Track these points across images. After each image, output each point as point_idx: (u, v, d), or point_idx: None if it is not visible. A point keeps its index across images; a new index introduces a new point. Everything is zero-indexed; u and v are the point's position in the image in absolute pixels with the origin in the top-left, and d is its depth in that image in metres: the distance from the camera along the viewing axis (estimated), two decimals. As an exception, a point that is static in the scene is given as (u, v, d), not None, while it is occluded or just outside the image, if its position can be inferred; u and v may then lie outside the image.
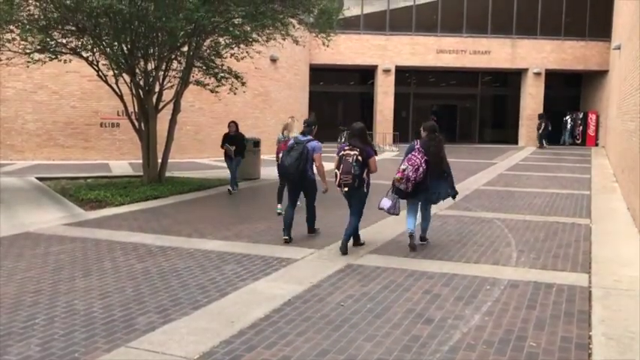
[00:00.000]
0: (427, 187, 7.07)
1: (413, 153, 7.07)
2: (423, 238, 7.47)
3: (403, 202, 7.28)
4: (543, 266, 6.47)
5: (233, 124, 12.46)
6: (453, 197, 7.59)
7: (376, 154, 7.12)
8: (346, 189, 6.83)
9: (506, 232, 8.25)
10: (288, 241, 7.49)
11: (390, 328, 4.55)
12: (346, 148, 6.93)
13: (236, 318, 4.73)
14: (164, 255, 6.85)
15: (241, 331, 4.47)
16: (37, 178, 13.78)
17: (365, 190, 7.01)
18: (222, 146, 12.46)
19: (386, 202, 7.14)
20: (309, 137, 7.76)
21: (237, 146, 12.40)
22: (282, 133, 10.57)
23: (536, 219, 9.33)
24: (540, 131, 27.71)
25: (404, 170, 6.93)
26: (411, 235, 7.09)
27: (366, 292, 5.47)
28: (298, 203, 8.11)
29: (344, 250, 6.85)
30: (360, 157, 6.78)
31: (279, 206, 9.59)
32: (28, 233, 8.06)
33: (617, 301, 5.26)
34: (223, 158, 12.82)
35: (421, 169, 6.92)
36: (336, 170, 6.90)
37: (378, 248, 7.21)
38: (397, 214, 7.25)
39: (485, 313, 4.91)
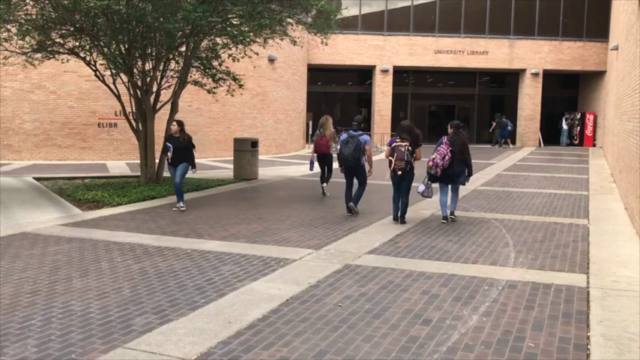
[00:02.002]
0: (453, 172, 8.85)
1: (441, 145, 8.85)
2: (452, 214, 9.11)
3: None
4: (541, 267, 6.47)
5: (176, 124, 10.24)
6: (468, 177, 9.32)
7: (421, 145, 8.87)
8: (400, 172, 8.64)
9: (504, 233, 8.25)
10: (351, 214, 9.41)
11: (388, 329, 4.55)
12: (397, 140, 8.74)
13: (234, 319, 4.71)
14: (161, 255, 6.83)
15: (239, 331, 4.45)
16: (35, 178, 13.75)
17: (412, 174, 8.81)
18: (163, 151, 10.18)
19: (421, 187, 8.99)
20: (360, 132, 9.52)
21: (181, 152, 10.04)
22: (319, 130, 11.92)
23: (534, 219, 9.33)
24: (492, 129, 28.08)
25: (434, 159, 8.76)
26: (444, 215, 8.96)
27: (364, 292, 5.46)
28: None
29: (402, 220, 8.83)
30: (410, 148, 8.60)
31: (324, 190, 11.98)
32: (25, 233, 8.04)
33: (616, 302, 5.26)
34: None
35: (447, 157, 8.74)
36: (390, 158, 8.71)
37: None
38: (430, 197, 9.20)
39: (484, 314, 4.90)
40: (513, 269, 6.34)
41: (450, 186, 9.08)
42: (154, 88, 12.85)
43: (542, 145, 29.21)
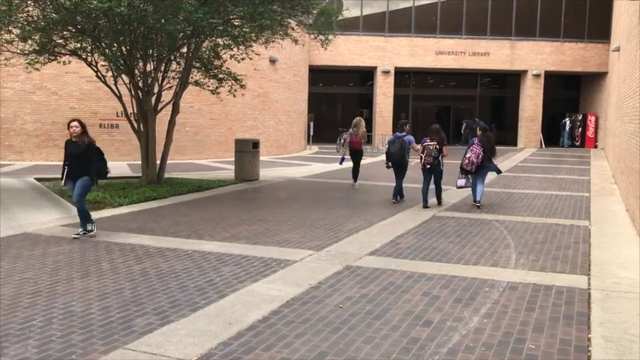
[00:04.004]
0: (484, 166, 10.58)
1: (474, 145, 10.59)
2: (479, 201, 10.66)
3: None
4: (542, 268, 6.46)
5: (76, 125, 7.94)
6: (498, 173, 11.41)
7: (447, 144, 10.79)
8: (429, 166, 10.41)
9: (505, 234, 8.24)
10: (395, 203, 10.97)
11: (389, 330, 4.54)
12: (427, 140, 10.52)
13: (234, 320, 4.71)
14: (162, 256, 6.84)
15: (239, 333, 4.45)
16: (36, 179, 13.76)
17: (441, 167, 10.57)
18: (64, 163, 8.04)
19: (461, 181, 10.71)
20: (404, 133, 11.22)
21: (80, 161, 7.85)
22: (352, 129, 13.38)
23: (536, 221, 9.32)
24: (463, 131, 28.96)
25: (469, 157, 10.42)
26: (475, 200, 10.62)
27: (365, 293, 5.46)
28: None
29: (425, 205, 10.47)
30: (437, 146, 10.41)
31: (356, 183, 13.41)
32: (26, 234, 8.04)
33: (617, 304, 5.25)
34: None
35: (480, 156, 10.44)
36: (421, 154, 10.55)
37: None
38: (470, 187, 10.83)
39: (484, 315, 4.90)
40: (514, 271, 6.33)
41: (479, 178, 10.73)
42: (155, 89, 12.87)
43: (543, 146, 29.19)
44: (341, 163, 14.00)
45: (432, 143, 10.46)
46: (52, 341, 4.26)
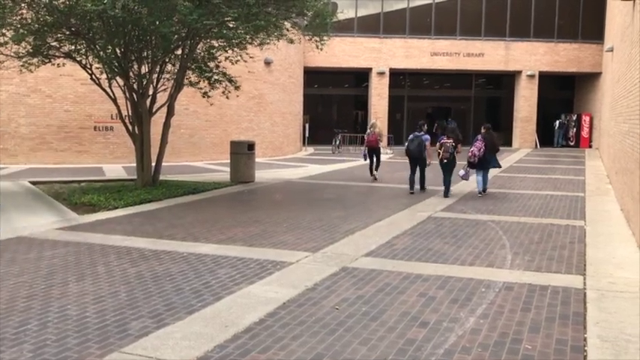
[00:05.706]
0: (486, 160, 12.12)
1: (477, 141, 12.12)
2: (484, 190, 12.26)
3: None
4: (538, 268, 6.47)
5: None
6: (498, 167, 13.20)
7: (461, 142, 12.24)
8: (445, 161, 11.88)
9: (501, 235, 8.26)
10: (412, 193, 12.30)
11: (385, 332, 4.54)
12: (444, 138, 12.11)
13: (230, 322, 4.70)
14: (158, 259, 6.82)
15: (236, 335, 4.44)
16: (31, 182, 13.70)
17: (455, 162, 12.03)
18: None
19: (461, 172, 12.18)
20: (422, 132, 12.66)
21: None
22: (370, 129, 15.13)
23: (531, 221, 9.34)
24: (435, 131, 29.12)
25: (472, 151, 12.00)
26: (479, 191, 12.18)
27: (361, 295, 5.46)
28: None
29: (446, 195, 11.91)
30: (454, 144, 11.92)
31: (374, 174, 15.04)
32: (21, 238, 8.01)
33: (612, 303, 5.27)
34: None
35: (482, 150, 11.98)
36: (439, 151, 12.01)
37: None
38: (467, 180, 12.52)
39: (481, 316, 4.90)
40: (510, 271, 6.34)
41: (482, 171, 12.16)
42: (150, 91, 12.84)
43: (538, 146, 29.26)
44: (365, 159, 15.38)
45: (448, 141, 11.99)
46: (47, 345, 4.24)
